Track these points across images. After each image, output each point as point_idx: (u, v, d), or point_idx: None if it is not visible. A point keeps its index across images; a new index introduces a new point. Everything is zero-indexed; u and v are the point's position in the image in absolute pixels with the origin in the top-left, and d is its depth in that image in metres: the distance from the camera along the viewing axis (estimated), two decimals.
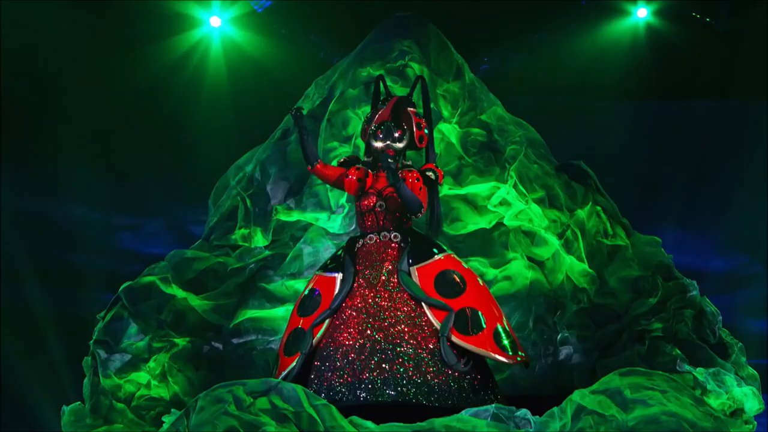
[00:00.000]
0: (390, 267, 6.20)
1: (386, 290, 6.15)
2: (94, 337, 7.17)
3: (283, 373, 6.12)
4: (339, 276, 6.21)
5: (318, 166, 6.45)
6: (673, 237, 8.62)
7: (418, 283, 6.09)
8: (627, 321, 7.45)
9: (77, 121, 8.71)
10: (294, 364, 6.09)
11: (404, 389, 5.85)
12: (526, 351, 6.91)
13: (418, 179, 6.26)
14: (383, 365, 5.91)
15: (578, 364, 7.55)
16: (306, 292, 6.39)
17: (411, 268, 6.15)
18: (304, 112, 7.57)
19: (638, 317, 7.39)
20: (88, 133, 8.76)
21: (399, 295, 6.10)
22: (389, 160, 6.07)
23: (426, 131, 6.39)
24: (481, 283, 6.32)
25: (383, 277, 6.16)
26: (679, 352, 7.09)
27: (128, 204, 9.03)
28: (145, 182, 8.96)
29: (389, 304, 6.08)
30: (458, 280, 6.16)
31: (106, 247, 8.94)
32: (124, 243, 9.04)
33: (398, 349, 5.94)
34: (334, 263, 6.33)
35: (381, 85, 6.68)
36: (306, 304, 6.28)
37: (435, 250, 6.26)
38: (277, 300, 7.65)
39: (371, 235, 6.28)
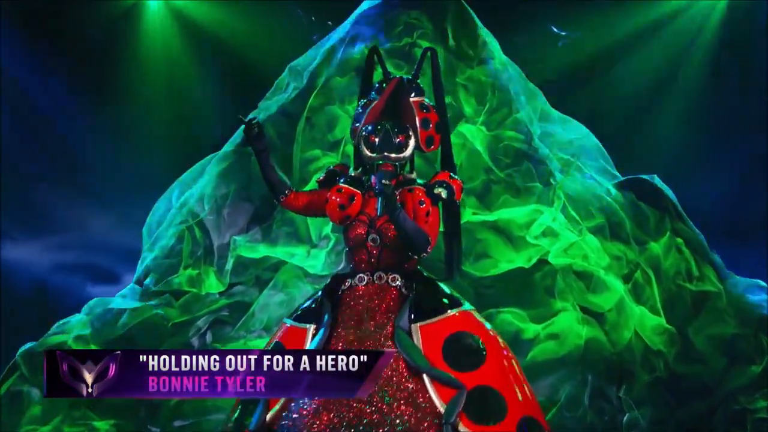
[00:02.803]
0: (383, 321, 5.45)
1: None
2: None
3: None
4: (311, 328, 5.44)
5: (289, 197, 5.71)
6: None
7: (421, 347, 5.35)
8: (720, 396, 7.11)
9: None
10: None
11: None
12: None
13: (422, 202, 5.46)
14: None
15: None
16: (268, 347, 5.75)
17: (413, 325, 5.40)
18: (273, 110, 7.47)
19: (736, 392, 7.05)
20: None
21: (393, 362, 5.37)
22: (384, 181, 5.31)
23: (436, 129, 5.59)
24: (508, 353, 5.56)
25: (372, 335, 5.42)
26: None
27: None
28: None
29: None
30: (477, 346, 5.40)
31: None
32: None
33: None
34: (308, 310, 5.61)
35: (376, 61, 5.82)
36: None
37: (446, 301, 5.50)
38: None
39: (362, 275, 5.52)
